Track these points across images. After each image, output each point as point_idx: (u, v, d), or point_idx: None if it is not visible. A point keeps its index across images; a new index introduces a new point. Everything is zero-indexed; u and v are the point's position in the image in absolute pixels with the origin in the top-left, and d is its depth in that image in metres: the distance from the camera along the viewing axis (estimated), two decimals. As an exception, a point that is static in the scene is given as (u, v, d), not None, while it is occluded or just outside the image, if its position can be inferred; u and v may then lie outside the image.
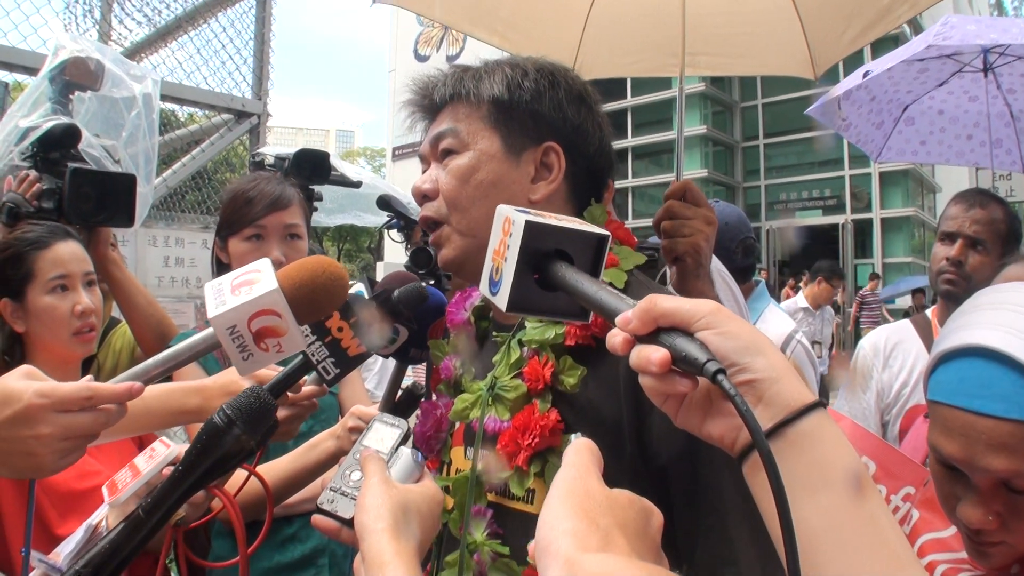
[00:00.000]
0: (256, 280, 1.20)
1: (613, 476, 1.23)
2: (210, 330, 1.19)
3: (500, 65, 1.50)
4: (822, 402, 0.86)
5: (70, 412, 1.16)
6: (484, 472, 1.34)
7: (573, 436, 0.92)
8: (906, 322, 3.21)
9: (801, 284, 24.23)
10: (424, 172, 1.54)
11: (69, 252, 2.34)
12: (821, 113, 4.53)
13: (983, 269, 2.88)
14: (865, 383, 3.09)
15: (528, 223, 0.99)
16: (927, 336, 3.01)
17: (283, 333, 1.19)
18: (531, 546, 0.75)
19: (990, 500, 1.20)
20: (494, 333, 1.53)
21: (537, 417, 1.31)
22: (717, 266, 2.53)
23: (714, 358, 0.83)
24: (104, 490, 1.31)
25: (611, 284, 1.28)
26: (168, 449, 1.34)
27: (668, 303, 0.88)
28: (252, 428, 1.05)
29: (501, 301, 1.02)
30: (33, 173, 2.77)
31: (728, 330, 0.87)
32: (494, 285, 1.04)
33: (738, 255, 3.29)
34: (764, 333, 2.72)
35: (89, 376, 1.24)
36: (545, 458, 1.31)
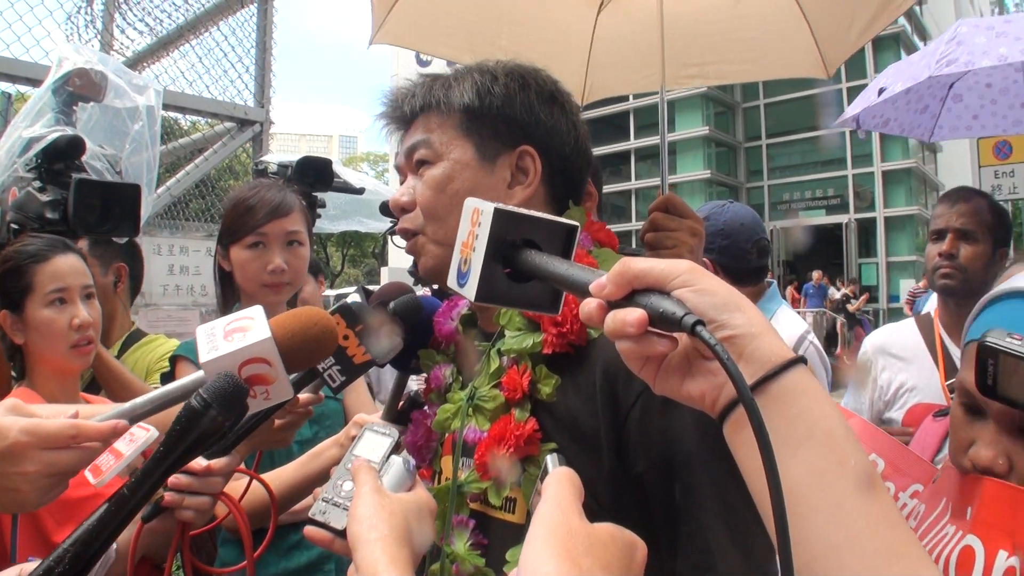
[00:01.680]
0: (249, 327, 1.20)
1: (593, 483, 1.23)
2: (200, 373, 1.19)
3: (469, 72, 1.49)
4: (803, 358, 0.84)
5: (55, 449, 1.17)
6: (494, 472, 1.34)
7: (548, 458, 0.92)
8: (909, 321, 3.23)
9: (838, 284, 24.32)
10: (401, 184, 1.54)
11: (68, 266, 2.35)
12: (855, 122, 4.50)
13: (976, 259, 2.93)
14: (866, 381, 3.10)
15: (497, 210, 0.98)
16: (929, 335, 3.02)
17: (272, 381, 1.19)
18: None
19: (1004, 440, 1.22)
20: (476, 343, 1.52)
21: (513, 427, 1.30)
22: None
23: (691, 312, 0.81)
24: (87, 473, 1.33)
25: None
26: (148, 433, 1.35)
27: (642, 264, 0.87)
28: (226, 410, 1.06)
29: (469, 291, 1.00)
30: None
31: (705, 287, 0.85)
32: (462, 277, 1.03)
33: (753, 256, 3.28)
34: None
35: (75, 410, 1.25)
36: (523, 468, 1.30)
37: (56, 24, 4.88)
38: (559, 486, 0.83)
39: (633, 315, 0.84)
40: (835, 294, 23.27)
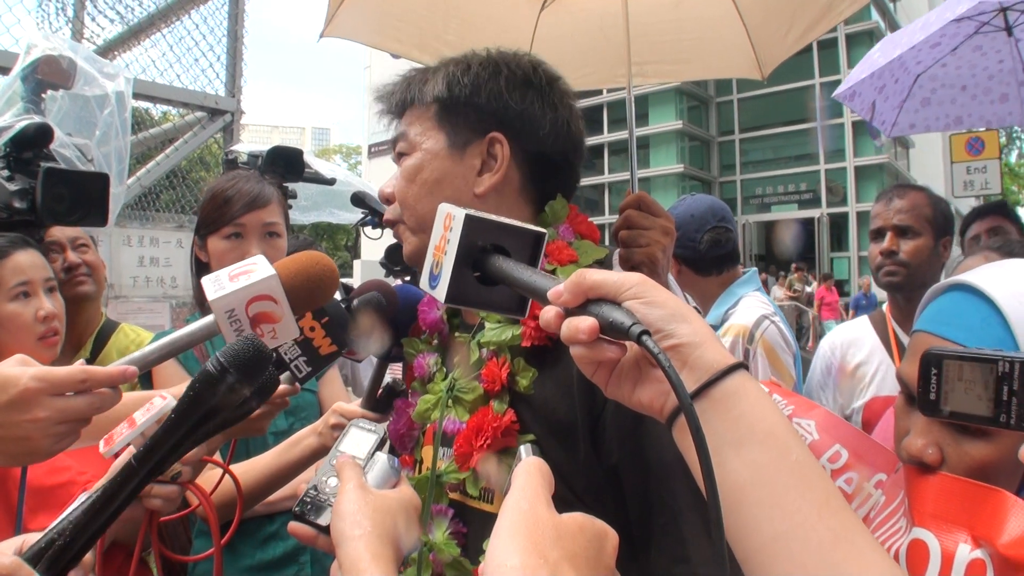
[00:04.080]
0: (253, 270, 1.25)
1: (569, 474, 1.25)
2: (209, 317, 1.23)
3: (447, 63, 1.52)
4: (743, 364, 0.89)
5: (65, 396, 1.17)
6: (484, 477, 1.34)
7: (522, 448, 0.93)
8: (864, 319, 3.26)
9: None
10: None
11: (29, 260, 2.34)
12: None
13: (919, 253, 2.97)
14: (825, 381, 3.14)
15: (468, 216, 1.02)
16: (883, 331, 3.06)
17: (278, 319, 1.24)
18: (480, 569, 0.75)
19: (934, 429, 1.24)
20: (456, 334, 1.53)
21: (491, 418, 1.32)
22: (670, 282, 2.56)
23: (639, 322, 0.86)
24: (100, 443, 1.32)
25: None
26: (165, 401, 1.34)
27: (596, 276, 0.92)
28: (246, 376, 1.03)
29: (440, 293, 1.04)
30: None
31: (654, 299, 0.90)
32: (434, 279, 1.06)
33: (702, 245, 3.28)
34: (739, 315, 2.72)
35: (82, 360, 1.24)
36: (500, 459, 1.32)
37: (26, 11, 4.82)
38: (528, 476, 0.84)
39: (585, 323, 0.89)
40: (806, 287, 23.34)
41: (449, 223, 1.05)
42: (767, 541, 0.82)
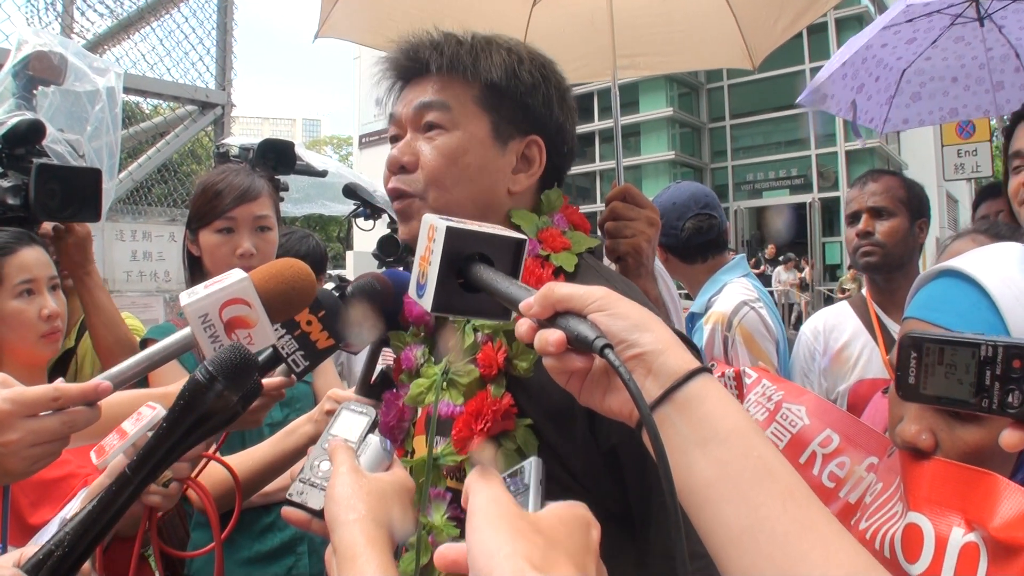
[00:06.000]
0: (226, 278, 1.25)
1: (567, 457, 1.27)
2: (185, 330, 1.23)
3: (496, 46, 1.50)
4: (706, 367, 0.92)
5: (38, 416, 1.16)
6: (477, 463, 1.35)
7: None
8: (844, 304, 3.28)
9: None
10: (397, 139, 1.52)
11: (34, 258, 2.36)
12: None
13: (895, 233, 3.01)
14: (808, 366, 3.15)
15: (449, 228, 1.04)
16: (864, 315, 3.08)
17: (253, 324, 1.24)
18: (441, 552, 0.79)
19: (928, 415, 1.26)
20: (451, 318, 1.52)
21: (490, 402, 1.33)
22: (658, 267, 2.57)
23: (602, 335, 0.89)
24: (92, 453, 1.32)
25: (561, 268, 1.36)
26: (154, 412, 1.35)
27: (564, 289, 0.95)
28: (234, 384, 1.05)
29: (427, 303, 1.06)
30: None
31: (617, 311, 0.93)
32: (420, 288, 1.09)
33: (685, 233, 3.28)
34: (720, 303, 2.72)
35: (60, 380, 1.24)
36: (499, 442, 1.33)
37: (16, 7, 4.80)
38: (486, 479, 0.85)
39: (554, 336, 0.93)
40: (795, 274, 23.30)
41: (432, 234, 1.07)
42: (735, 535, 0.85)
